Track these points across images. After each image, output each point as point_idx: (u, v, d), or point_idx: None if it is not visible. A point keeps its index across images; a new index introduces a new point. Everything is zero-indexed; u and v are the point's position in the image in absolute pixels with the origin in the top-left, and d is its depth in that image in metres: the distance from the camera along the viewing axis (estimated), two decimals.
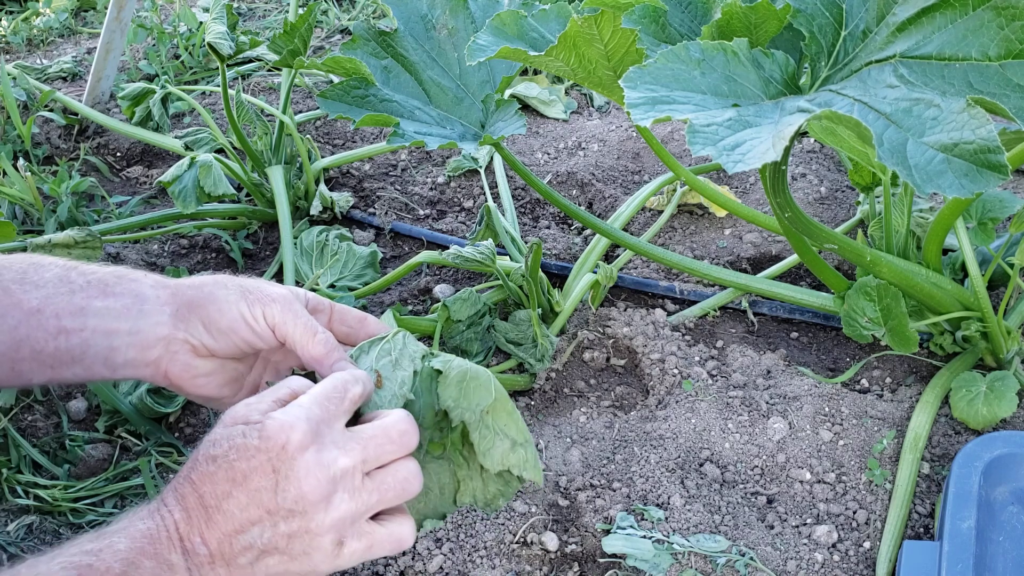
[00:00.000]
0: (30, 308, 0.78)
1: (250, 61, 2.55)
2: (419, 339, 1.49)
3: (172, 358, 0.83)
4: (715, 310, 1.57)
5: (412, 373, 0.87)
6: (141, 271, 0.86)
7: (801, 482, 1.24)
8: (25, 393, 1.43)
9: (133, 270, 0.86)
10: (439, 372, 0.88)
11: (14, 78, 2.32)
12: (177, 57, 2.57)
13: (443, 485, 0.91)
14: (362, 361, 0.89)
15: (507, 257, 1.59)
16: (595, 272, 1.52)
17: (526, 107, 2.30)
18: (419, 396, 0.88)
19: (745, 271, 1.67)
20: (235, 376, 0.90)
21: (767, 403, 1.34)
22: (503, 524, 1.20)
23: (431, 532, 1.19)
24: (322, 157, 2.05)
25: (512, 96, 2.26)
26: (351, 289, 1.66)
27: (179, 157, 1.96)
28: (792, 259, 1.58)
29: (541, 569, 1.17)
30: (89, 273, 0.82)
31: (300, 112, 2.26)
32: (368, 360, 0.88)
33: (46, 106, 2.27)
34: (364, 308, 1.66)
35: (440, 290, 1.66)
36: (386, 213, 1.93)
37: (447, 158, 2.08)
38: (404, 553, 1.18)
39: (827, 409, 1.31)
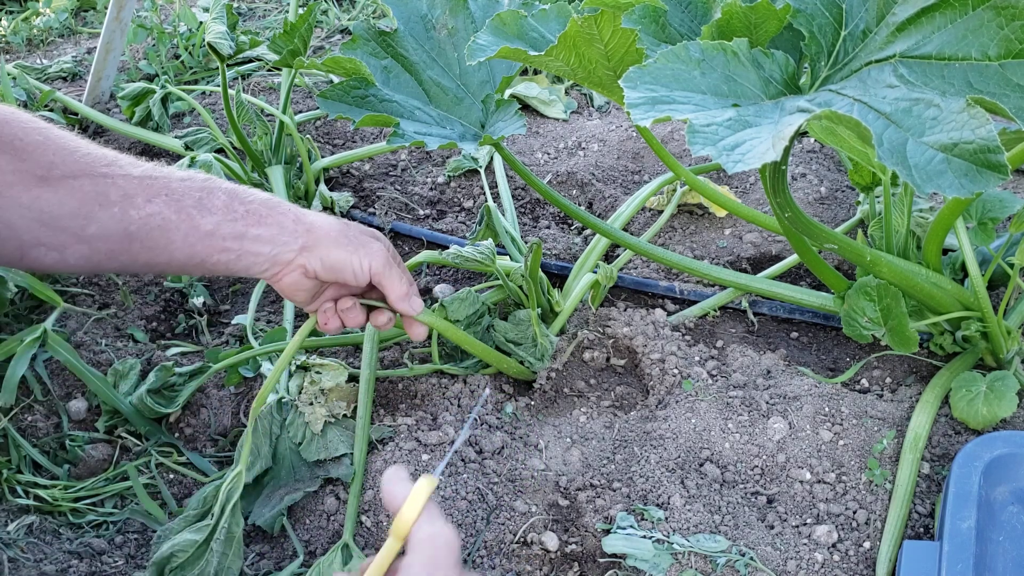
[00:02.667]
0: (206, 231, 1.01)
1: (250, 61, 2.54)
2: None
3: (288, 274, 1.09)
4: (715, 310, 1.57)
5: None
6: (288, 205, 1.08)
7: (801, 482, 1.24)
8: (25, 393, 1.43)
9: (281, 203, 1.08)
10: None
11: (14, 78, 2.32)
12: (177, 57, 2.56)
13: None
14: None
15: (507, 257, 1.59)
16: (595, 272, 1.52)
17: (526, 107, 2.30)
18: None
19: (745, 271, 1.67)
20: (319, 292, 1.15)
21: (767, 403, 1.34)
22: (503, 524, 1.20)
23: None
24: (322, 157, 2.05)
25: (512, 96, 2.26)
26: None
27: (179, 157, 1.96)
28: (792, 259, 1.58)
29: (541, 569, 1.17)
30: (248, 202, 1.04)
31: (300, 112, 2.26)
32: None
33: (46, 106, 2.27)
34: None
35: (440, 290, 1.66)
36: (386, 213, 1.93)
37: (447, 158, 2.08)
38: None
39: (827, 409, 1.31)
